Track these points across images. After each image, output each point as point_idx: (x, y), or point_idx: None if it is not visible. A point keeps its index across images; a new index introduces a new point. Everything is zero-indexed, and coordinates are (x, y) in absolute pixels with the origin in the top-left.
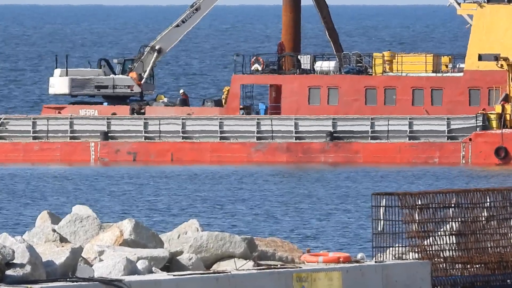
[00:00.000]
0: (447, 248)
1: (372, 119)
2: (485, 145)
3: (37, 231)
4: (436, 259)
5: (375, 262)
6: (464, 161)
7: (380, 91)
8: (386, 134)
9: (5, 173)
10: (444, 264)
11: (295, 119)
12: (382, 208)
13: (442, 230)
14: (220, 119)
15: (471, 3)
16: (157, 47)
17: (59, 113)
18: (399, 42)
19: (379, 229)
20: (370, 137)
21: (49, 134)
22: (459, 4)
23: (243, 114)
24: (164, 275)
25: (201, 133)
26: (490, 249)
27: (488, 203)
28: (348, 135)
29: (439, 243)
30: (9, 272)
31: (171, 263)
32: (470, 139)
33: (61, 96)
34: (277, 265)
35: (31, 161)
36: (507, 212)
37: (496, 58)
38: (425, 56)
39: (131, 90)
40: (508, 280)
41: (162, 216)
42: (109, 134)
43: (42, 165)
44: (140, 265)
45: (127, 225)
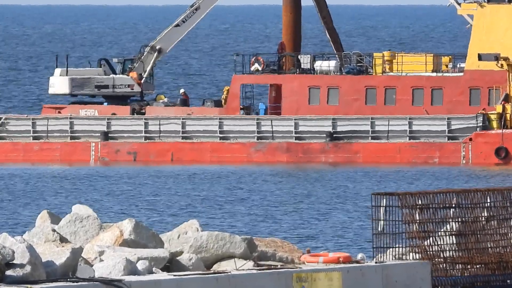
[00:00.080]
0: (447, 248)
1: (372, 119)
2: (486, 145)
3: (37, 231)
4: (436, 259)
5: (375, 262)
6: (464, 161)
7: (380, 91)
8: (386, 134)
9: (5, 173)
10: (444, 264)
11: (295, 119)
12: (382, 208)
13: (442, 230)
14: (220, 119)
15: (471, 3)
16: (157, 47)
17: (59, 113)
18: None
19: (379, 229)
20: (370, 137)
21: (49, 134)
22: (459, 4)
23: (243, 114)
24: (164, 275)
25: (201, 133)
26: (490, 249)
27: (488, 203)
28: (348, 135)
29: (439, 243)
30: (9, 272)
31: (171, 263)
32: (471, 139)
33: (60, 96)
34: (277, 265)
35: (31, 161)
36: (507, 212)
37: (496, 58)
38: (425, 56)
39: (132, 89)
40: (508, 280)
41: (162, 216)
42: (109, 134)
43: (42, 165)
44: (140, 265)
45: (127, 225)
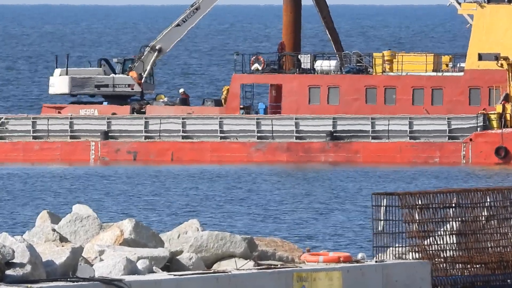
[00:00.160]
0: (447, 248)
1: (372, 118)
2: (486, 145)
3: (37, 231)
4: (436, 259)
5: (376, 262)
6: (464, 161)
7: (380, 91)
8: (387, 134)
9: (5, 173)
10: (444, 264)
11: (295, 119)
12: (382, 208)
13: (442, 230)
14: (220, 118)
15: (471, 3)
16: (157, 47)
17: (59, 112)
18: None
19: (380, 229)
20: (370, 137)
21: (49, 134)
22: (459, 4)
23: (243, 114)
24: (165, 275)
25: (201, 132)
26: (490, 249)
27: (488, 203)
28: (348, 134)
29: (439, 243)
30: (9, 271)
31: (171, 263)
32: (471, 139)
33: (60, 95)
34: (277, 265)
35: (31, 161)
36: (507, 211)
37: (496, 57)
38: (426, 55)
39: (132, 89)
40: (508, 280)
41: (161, 215)
42: (109, 134)
43: (42, 165)
44: (141, 264)
45: (127, 225)
